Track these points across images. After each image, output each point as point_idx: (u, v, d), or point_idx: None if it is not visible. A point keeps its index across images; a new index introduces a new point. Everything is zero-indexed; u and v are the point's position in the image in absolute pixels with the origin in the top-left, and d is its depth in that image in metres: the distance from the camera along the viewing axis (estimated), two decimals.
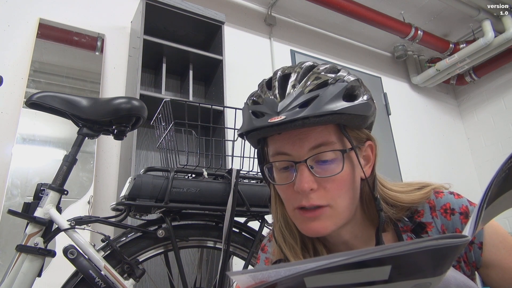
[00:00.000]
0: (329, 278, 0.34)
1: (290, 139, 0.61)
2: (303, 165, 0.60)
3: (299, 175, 0.60)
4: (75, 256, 0.96)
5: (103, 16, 2.32)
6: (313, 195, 0.60)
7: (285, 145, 0.62)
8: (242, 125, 0.66)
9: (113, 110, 1.05)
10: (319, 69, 0.63)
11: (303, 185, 0.59)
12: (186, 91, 2.31)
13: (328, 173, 0.60)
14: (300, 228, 0.64)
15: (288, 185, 0.63)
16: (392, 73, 3.88)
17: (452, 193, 0.67)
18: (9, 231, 1.62)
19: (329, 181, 0.60)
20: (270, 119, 0.58)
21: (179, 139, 1.32)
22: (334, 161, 0.61)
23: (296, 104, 0.58)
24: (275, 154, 0.64)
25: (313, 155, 0.60)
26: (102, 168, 2.01)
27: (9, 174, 1.71)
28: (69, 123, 1.10)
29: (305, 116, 0.56)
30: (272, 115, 0.59)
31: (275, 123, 0.57)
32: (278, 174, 0.65)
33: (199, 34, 2.41)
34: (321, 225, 0.61)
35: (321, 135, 0.60)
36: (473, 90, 4.16)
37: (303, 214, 0.62)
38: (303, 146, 0.60)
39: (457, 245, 0.31)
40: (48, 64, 2.03)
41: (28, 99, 1.05)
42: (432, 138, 3.81)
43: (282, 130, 0.59)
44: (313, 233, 0.62)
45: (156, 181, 1.06)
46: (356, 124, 0.63)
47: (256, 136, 0.63)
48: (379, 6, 3.22)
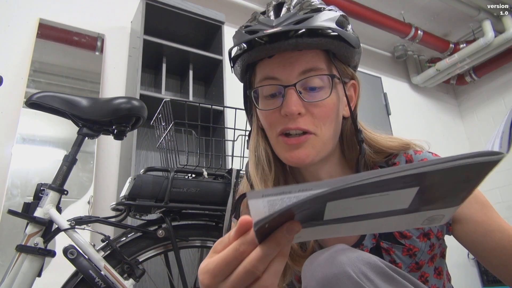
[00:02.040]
0: (350, 205, 0.33)
1: (280, 63, 0.62)
2: (292, 89, 0.61)
3: (287, 99, 0.61)
4: (75, 256, 0.96)
5: (103, 16, 2.32)
6: (300, 119, 0.61)
7: (275, 68, 0.62)
8: (234, 49, 0.66)
9: (113, 110, 1.05)
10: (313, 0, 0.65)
11: (291, 107, 0.60)
12: (186, 91, 2.31)
13: (315, 99, 0.62)
14: (283, 156, 0.64)
15: (274, 111, 0.63)
16: (392, 73, 3.88)
17: (430, 152, 0.70)
18: (9, 231, 1.62)
19: (316, 107, 0.62)
20: (265, 31, 0.59)
21: (179, 139, 1.32)
22: (322, 89, 0.62)
23: (291, 21, 0.60)
24: (263, 79, 0.64)
25: (302, 79, 0.61)
26: (102, 168, 2.01)
27: (9, 174, 1.71)
28: (69, 123, 1.10)
29: (300, 28, 0.58)
30: (267, 29, 0.59)
31: (270, 32, 0.58)
32: (264, 101, 0.65)
33: (199, 34, 2.41)
34: (304, 152, 0.62)
35: (312, 60, 0.62)
36: (473, 90, 4.16)
37: (287, 141, 0.62)
38: (293, 69, 0.61)
39: (491, 162, 0.30)
40: (48, 64, 2.03)
41: (28, 99, 1.05)
42: (432, 138, 3.78)
43: (275, 49, 0.59)
44: (296, 160, 0.62)
45: (156, 181, 1.06)
46: (345, 55, 0.64)
47: (247, 59, 0.64)
48: (379, 6, 3.21)
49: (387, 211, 0.35)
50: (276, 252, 0.35)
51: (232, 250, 0.36)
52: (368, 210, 0.35)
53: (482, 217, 0.63)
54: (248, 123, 0.75)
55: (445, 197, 0.34)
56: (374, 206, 0.34)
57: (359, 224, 0.37)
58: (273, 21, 0.61)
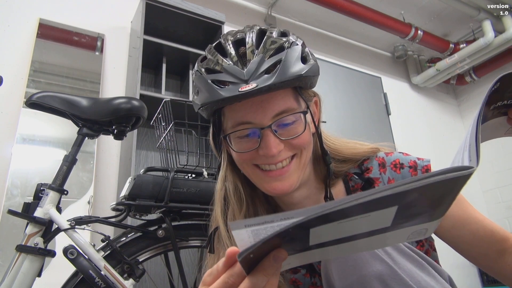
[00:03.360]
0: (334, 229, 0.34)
1: (251, 107, 0.61)
2: (268, 130, 0.61)
3: (266, 141, 0.61)
4: (75, 256, 0.96)
5: (103, 16, 2.32)
6: (280, 154, 0.62)
7: (247, 114, 0.62)
8: (201, 96, 0.63)
9: (113, 110, 1.05)
10: (271, 33, 0.64)
11: (272, 150, 0.60)
12: (186, 91, 2.31)
13: (292, 134, 0.63)
14: (263, 187, 0.65)
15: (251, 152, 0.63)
16: (392, 73, 3.87)
17: (401, 152, 0.72)
18: (9, 231, 1.62)
19: (293, 139, 0.63)
20: (241, 88, 0.57)
21: (179, 139, 1.32)
22: (295, 122, 0.63)
23: (262, 71, 0.59)
24: (236, 124, 0.63)
25: (276, 120, 0.62)
26: (102, 168, 2.01)
27: (9, 174, 1.71)
28: (69, 123, 1.10)
29: (275, 82, 0.57)
30: (240, 84, 0.58)
31: (247, 91, 0.57)
32: (238, 142, 0.65)
33: (199, 34, 2.41)
34: (288, 183, 0.63)
35: (283, 101, 0.62)
36: (473, 90, 4.16)
37: (269, 173, 0.63)
38: (266, 113, 0.61)
39: (463, 176, 0.31)
40: (48, 64, 2.03)
41: (28, 99, 1.05)
42: (432, 138, 3.81)
43: (247, 97, 0.59)
44: (280, 192, 0.63)
45: (156, 181, 1.06)
46: (309, 84, 0.65)
47: (215, 106, 0.63)
48: (379, 6, 3.22)
49: (371, 231, 0.36)
50: (265, 281, 0.35)
51: (221, 283, 0.36)
52: (352, 232, 0.35)
53: (458, 211, 0.65)
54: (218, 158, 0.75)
55: (424, 212, 0.35)
56: (357, 227, 0.34)
57: (346, 245, 0.38)
58: (243, 73, 0.59)
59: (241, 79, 0.59)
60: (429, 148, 3.69)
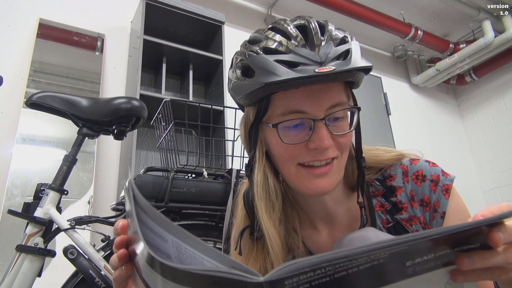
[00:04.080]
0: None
1: (307, 96, 0.59)
2: (321, 122, 0.59)
3: (318, 133, 0.59)
4: (75, 256, 0.96)
5: (103, 16, 2.32)
6: (329, 150, 0.60)
7: (302, 102, 0.59)
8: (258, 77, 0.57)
9: (113, 110, 1.05)
10: (330, 26, 0.63)
11: (325, 142, 0.58)
12: (186, 91, 2.31)
13: (341, 130, 0.61)
14: (303, 186, 0.62)
15: (297, 144, 0.61)
16: (392, 73, 3.88)
17: (427, 161, 0.68)
18: (9, 231, 1.62)
19: (341, 137, 0.61)
20: (318, 69, 0.54)
21: (179, 139, 1.32)
22: (343, 119, 0.62)
23: (335, 56, 0.57)
24: (288, 112, 0.60)
25: (330, 113, 0.60)
26: (102, 168, 2.01)
27: (9, 174, 1.71)
28: (69, 123, 1.10)
29: (351, 68, 0.56)
30: (316, 66, 0.55)
31: (325, 73, 0.54)
32: (284, 132, 0.61)
33: (199, 34, 2.41)
34: (328, 182, 0.61)
35: (337, 94, 0.61)
36: (473, 90, 4.16)
37: (314, 171, 0.61)
38: (322, 104, 0.59)
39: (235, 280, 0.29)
40: (48, 64, 2.03)
41: (28, 99, 1.05)
42: (432, 138, 3.81)
43: (323, 81, 0.57)
44: (320, 190, 0.61)
45: (156, 181, 1.06)
46: (359, 83, 0.65)
47: (270, 91, 0.59)
48: (379, 6, 3.22)
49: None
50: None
51: None
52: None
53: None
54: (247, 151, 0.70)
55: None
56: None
57: None
58: (317, 56, 0.57)
59: (315, 61, 0.56)
60: (429, 148, 3.69)
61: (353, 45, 0.60)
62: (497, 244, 0.33)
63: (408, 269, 0.33)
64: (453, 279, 0.36)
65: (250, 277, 0.29)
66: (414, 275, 0.34)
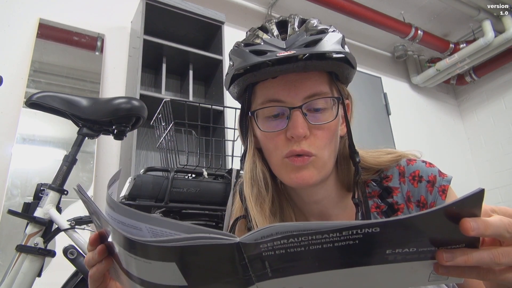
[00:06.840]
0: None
1: (285, 85, 0.61)
2: (298, 111, 0.60)
3: (294, 121, 0.60)
4: (75, 256, 0.96)
5: (103, 16, 2.32)
6: (304, 142, 0.60)
7: (279, 91, 0.61)
8: (236, 64, 0.61)
9: (113, 110, 1.05)
10: (312, 20, 0.65)
11: (299, 130, 0.59)
12: (186, 91, 2.31)
13: (320, 121, 0.61)
14: (287, 177, 0.63)
15: (278, 133, 0.62)
16: (392, 73, 3.87)
17: (424, 162, 0.68)
18: (9, 231, 1.62)
19: (320, 129, 0.61)
20: (278, 53, 0.57)
21: (179, 139, 1.32)
22: (325, 110, 0.62)
23: (301, 43, 0.58)
24: (266, 101, 0.62)
25: (307, 102, 0.61)
26: (102, 168, 2.01)
27: (9, 174, 1.71)
28: (69, 123, 1.10)
29: (314, 52, 0.57)
30: (278, 51, 0.58)
31: (284, 56, 0.56)
32: (265, 122, 0.63)
33: (199, 34, 2.41)
34: (308, 174, 0.61)
35: (316, 84, 0.61)
36: (473, 90, 4.16)
37: (293, 161, 0.61)
38: (298, 93, 0.61)
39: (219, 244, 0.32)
40: (48, 64, 2.03)
41: (28, 99, 1.05)
42: (432, 138, 3.80)
43: (282, 71, 0.58)
44: (301, 181, 0.61)
45: (156, 181, 1.06)
46: (345, 76, 0.65)
47: (250, 79, 0.61)
48: (379, 6, 3.21)
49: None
50: None
51: None
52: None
53: None
54: (242, 144, 0.72)
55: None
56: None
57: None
58: (282, 43, 0.60)
59: (279, 47, 0.59)
60: (429, 148, 3.69)
61: (329, 35, 0.60)
62: (468, 232, 0.33)
63: (388, 256, 0.34)
64: (436, 270, 0.36)
65: (227, 238, 0.32)
66: (395, 262, 0.35)
